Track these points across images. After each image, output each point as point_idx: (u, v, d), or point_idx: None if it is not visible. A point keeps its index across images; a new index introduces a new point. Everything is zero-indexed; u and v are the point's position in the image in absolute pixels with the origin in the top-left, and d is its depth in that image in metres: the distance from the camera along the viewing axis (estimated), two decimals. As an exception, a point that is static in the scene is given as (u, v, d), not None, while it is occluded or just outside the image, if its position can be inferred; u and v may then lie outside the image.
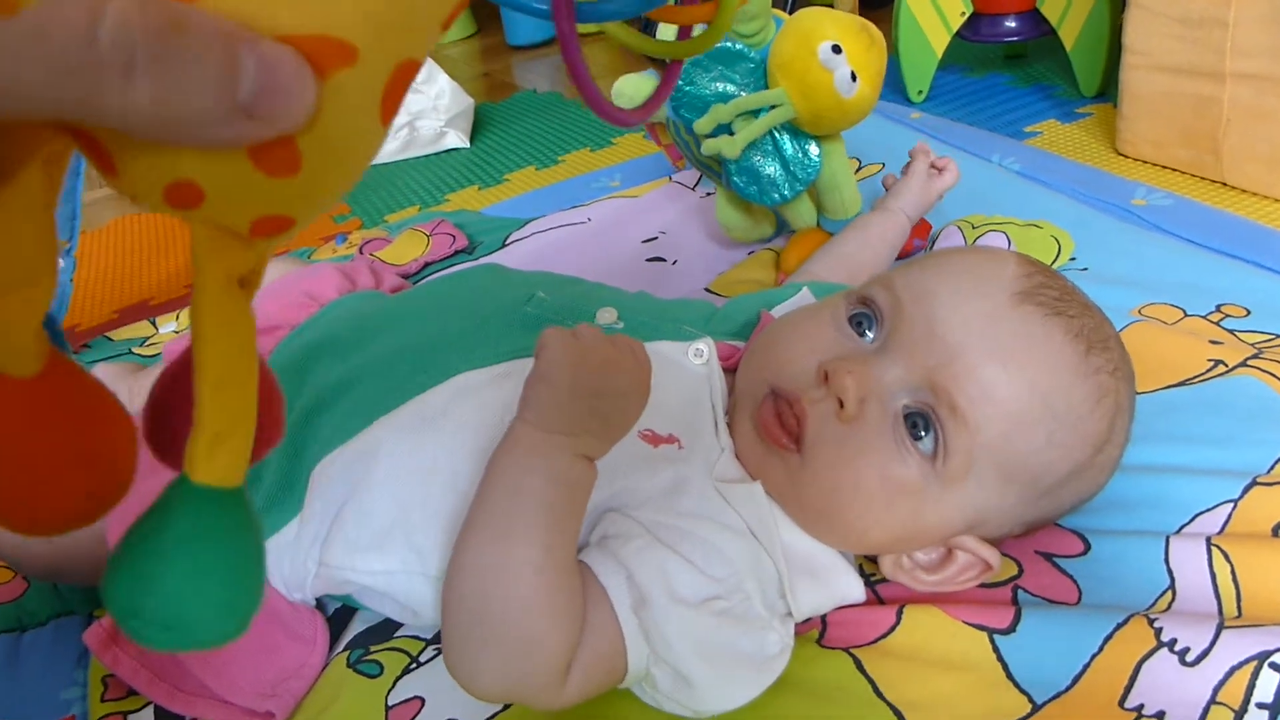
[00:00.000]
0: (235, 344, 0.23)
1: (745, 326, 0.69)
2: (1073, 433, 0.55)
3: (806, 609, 0.56)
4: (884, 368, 0.55)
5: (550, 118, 1.80)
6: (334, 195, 0.23)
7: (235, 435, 0.24)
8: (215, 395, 0.23)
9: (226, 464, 0.24)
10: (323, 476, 0.61)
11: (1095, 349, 0.55)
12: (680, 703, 0.51)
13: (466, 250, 1.15)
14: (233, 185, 0.21)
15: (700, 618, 0.51)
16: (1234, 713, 0.48)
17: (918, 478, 0.54)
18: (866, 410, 0.54)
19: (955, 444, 0.53)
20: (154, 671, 0.62)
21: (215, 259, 0.23)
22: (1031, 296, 0.56)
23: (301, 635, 0.64)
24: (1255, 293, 0.83)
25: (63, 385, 0.23)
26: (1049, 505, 0.58)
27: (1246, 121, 1.09)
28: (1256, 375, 0.71)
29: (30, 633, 0.71)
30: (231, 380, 0.24)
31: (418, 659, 0.61)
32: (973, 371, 0.53)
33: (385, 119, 0.22)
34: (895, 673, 0.54)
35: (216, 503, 0.24)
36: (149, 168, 0.20)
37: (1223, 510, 0.61)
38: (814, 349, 0.58)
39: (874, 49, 0.88)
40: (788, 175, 0.93)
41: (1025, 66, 1.63)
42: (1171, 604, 0.56)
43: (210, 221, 0.22)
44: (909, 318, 0.56)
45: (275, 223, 0.22)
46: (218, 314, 0.23)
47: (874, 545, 0.58)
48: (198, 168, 0.20)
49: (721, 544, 0.54)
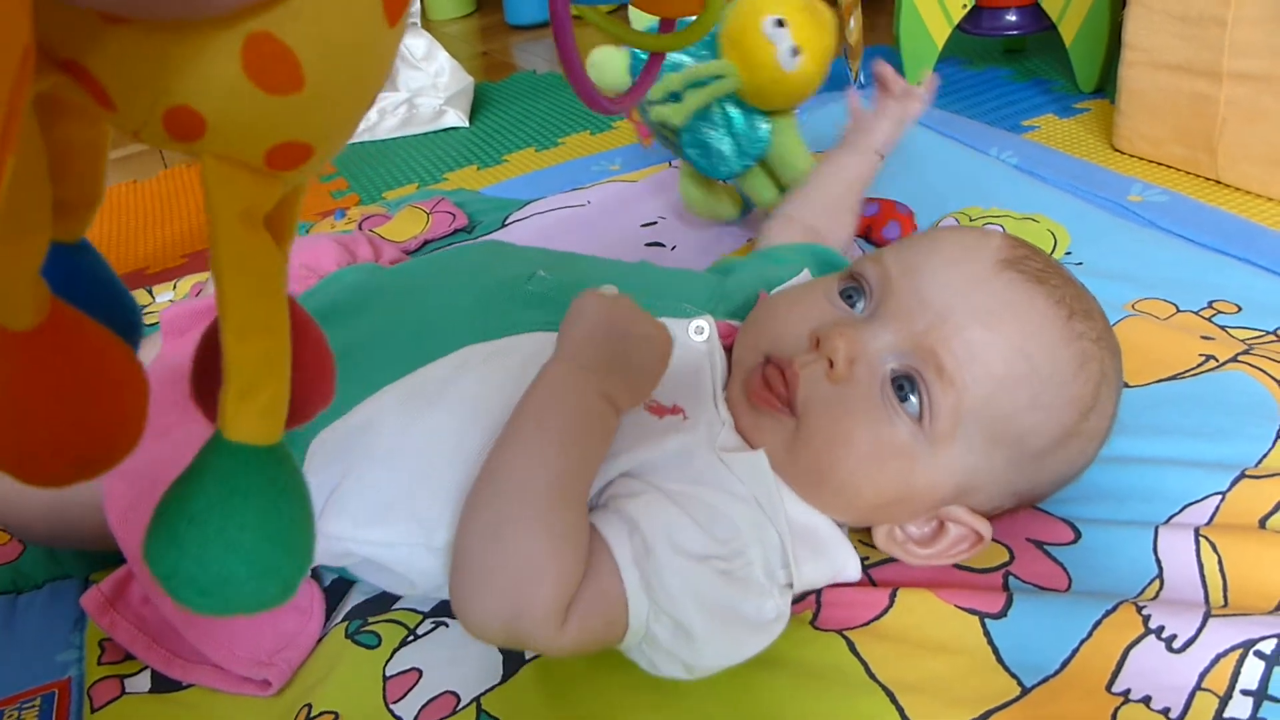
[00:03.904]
0: (257, 288, 0.22)
1: (744, 306, 0.70)
2: (1057, 395, 0.56)
3: (807, 580, 0.57)
4: (873, 333, 0.57)
5: (550, 99, 1.80)
6: (349, 115, 0.22)
7: (265, 388, 0.23)
8: (239, 344, 0.22)
9: (258, 419, 0.23)
10: (321, 447, 0.62)
11: (1077, 315, 0.57)
12: (681, 659, 0.52)
13: (466, 229, 1.15)
14: (233, 107, 0.20)
15: (702, 571, 0.52)
16: (1219, 699, 0.49)
17: (907, 438, 0.55)
18: (856, 372, 0.56)
19: (941, 404, 0.55)
20: (151, 636, 0.63)
21: (228, 196, 0.21)
22: (1014, 265, 0.57)
23: (298, 605, 0.64)
24: (1247, 290, 0.84)
25: (63, 339, 0.22)
26: (1037, 473, 0.59)
27: (1243, 120, 1.10)
28: (1247, 371, 0.72)
29: (26, 595, 0.72)
30: (255, 327, 0.22)
31: (415, 631, 0.61)
32: (958, 333, 0.55)
33: (392, 17, 0.21)
34: (888, 654, 0.55)
35: (251, 461, 0.23)
36: (144, 95, 0.19)
37: (1211, 502, 0.62)
38: (806, 318, 0.60)
39: (821, 27, 0.89)
40: (737, 149, 0.94)
41: (1024, 61, 1.64)
42: (1159, 592, 0.57)
43: (221, 154, 0.21)
44: (897, 289, 0.58)
45: (291, 151, 0.21)
46: (235, 256, 0.22)
47: (868, 507, 0.59)
48: (192, 89, 0.19)
49: (727, 509, 0.55)
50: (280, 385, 0.23)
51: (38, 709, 0.62)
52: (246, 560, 0.22)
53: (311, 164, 0.22)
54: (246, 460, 0.23)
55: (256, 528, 0.22)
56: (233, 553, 0.22)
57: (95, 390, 0.22)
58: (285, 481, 0.23)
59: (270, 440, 0.23)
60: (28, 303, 0.21)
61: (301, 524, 0.24)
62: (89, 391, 0.22)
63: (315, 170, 0.23)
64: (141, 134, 0.20)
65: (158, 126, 0.20)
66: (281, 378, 0.23)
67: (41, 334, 0.21)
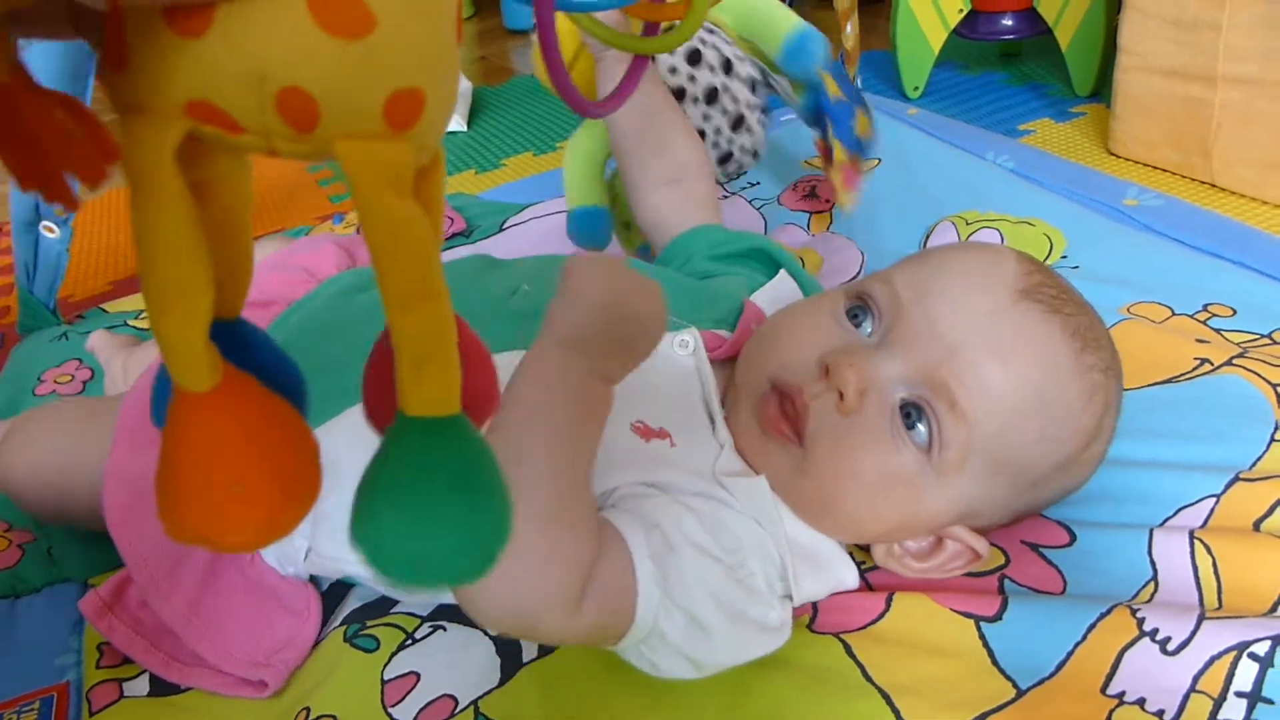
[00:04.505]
0: (415, 257, 0.22)
1: (729, 314, 0.68)
2: (1064, 428, 0.56)
3: (806, 594, 0.57)
4: (883, 362, 0.56)
5: (548, 104, 1.79)
6: (435, 47, 0.22)
7: (437, 357, 0.23)
8: (404, 316, 0.22)
9: (434, 389, 0.23)
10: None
11: (1090, 348, 0.57)
12: (690, 656, 0.51)
13: (464, 233, 1.15)
14: (325, 67, 0.20)
15: (717, 568, 0.52)
16: (1213, 701, 0.50)
17: (913, 469, 0.55)
18: (865, 403, 0.55)
19: (951, 436, 0.54)
20: (149, 640, 0.63)
21: (372, 173, 0.22)
22: (1031, 294, 0.56)
23: (294, 608, 0.64)
24: (1242, 293, 0.84)
25: (238, 401, 0.23)
26: (1035, 496, 0.59)
27: (1237, 124, 1.10)
28: (1241, 374, 0.73)
29: (24, 599, 0.72)
30: (418, 296, 0.23)
31: (413, 635, 0.61)
32: (972, 368, 0.54)
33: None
34: (884, 657, 0.55)
35: (434, 434, 0.23)
36: (249, 94, 0.20)
37: (1206, 505, 0.62)
38: (814, 342, 0.58)
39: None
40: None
41: (1020, 65, 1.64)
42: (1154, 595, 0.57)
43: (345, 132, 0.21)
44: (908, 314, 0.57)
45: (402, 101, 0.21)
46: (390, 229, 0.22)
47: (870, 535, 0.59)
48: (283, 64, 0.20)
49: (728, 521, 0.55)
50: (450, 351, 0.23)
51: (36, 712, 0.62)
52: (445, 531, 0.23)
53: (429, 114, 0.22)
54: (430, 434, 0.23)
55: (443, 501, 0.23)
56: (431, 527, 0.22)
57: (273, 446, 0.23)
58: (470, 452, 0.24)
59: (449, 410, 0.23)
60: (204, 365, 0.22)
61: (492, 494, 0.24)
62: (266, 448, 0.23)
63: (439, 125, 0.23)
64: (274, 140, 0.21)
65: (278, 121, 0.21)
66: (450, 344, 0.23)
67: (218, 395, 0.22)
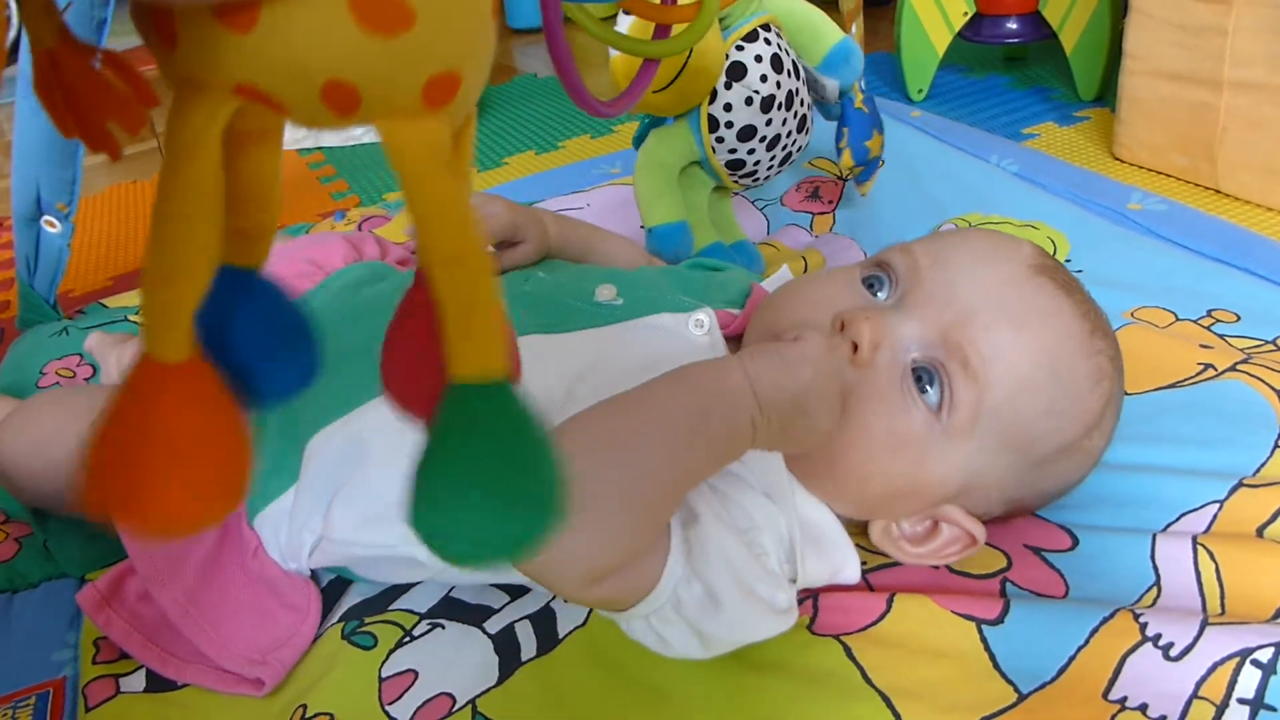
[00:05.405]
0: (458, 220, 0.23)
1: (739, 295, 0.69)
2: (1072, 405, 0.56)
3: (809, 575, 0.57)
4: (899, 321, 0.57)
5: (550, 103, 1.80)
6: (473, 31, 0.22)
7: (484, 307, 0.23)
8: (447, 271, 0.23)
9: (482, 341, 0.23)
10: (319, 449, 0.62)
11: (1099, 333, 0.58)
12: (701, 630, 0.51)
13: (465, 231, 1.15)
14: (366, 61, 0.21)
15: (738, 543, 0.52)
16: (1215, 707, 0.49)
17: (922, 429, 0.55)
18: (878, 359, 0.56)
19: (962, 397, 0.55)
20: (147, 635, 0.63)
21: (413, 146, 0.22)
22: (1044, 271, 0.58)
23: (294, 604, 0.64)
24: (1246, 299, 0.84)
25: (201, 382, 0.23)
26: (1033, 483, 0.59)
27: (1242, 130, 1.10)
28: (1245, 380, 0.72)
29: (21, 594, 0.71)
30: (459, 253, 0.23)
31: (411, 632, 0.61)
32: (987, 331, 0.55)
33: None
34: (884, 660, 0.55)
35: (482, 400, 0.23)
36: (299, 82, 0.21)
37: (1209, 510, 0.62)
38: (830, 302, 0.59)
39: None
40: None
41: (1025, 69, 1.64)
42: (1157, 600, 0.57)
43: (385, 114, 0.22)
44: (926, 279, 0.58)
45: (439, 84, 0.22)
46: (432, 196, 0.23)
47: (873, 497, 0.58)
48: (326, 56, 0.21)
49: (743, 500, 0.55)
50: (496, 302, 0.23)
51: (32, 708, 0.62)
52: (498, 500, 0.22)
53: (465, 91, 0.23)
54: (477, 399, 0.23)
55: (494, 467, 0.23)
56: (483, 496, 0.22)
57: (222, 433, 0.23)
58: (518, 417, 0.24)
59: (498, 365, 0.23)
60: (183, 336, 0.23)
61: (541, 459, 0.24)
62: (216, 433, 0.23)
63: (474, 96, 0.23)
64: (318, 120, 0.22)
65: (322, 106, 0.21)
66: (494, 295, 0.23)
67: (184, 370, 0.23)
